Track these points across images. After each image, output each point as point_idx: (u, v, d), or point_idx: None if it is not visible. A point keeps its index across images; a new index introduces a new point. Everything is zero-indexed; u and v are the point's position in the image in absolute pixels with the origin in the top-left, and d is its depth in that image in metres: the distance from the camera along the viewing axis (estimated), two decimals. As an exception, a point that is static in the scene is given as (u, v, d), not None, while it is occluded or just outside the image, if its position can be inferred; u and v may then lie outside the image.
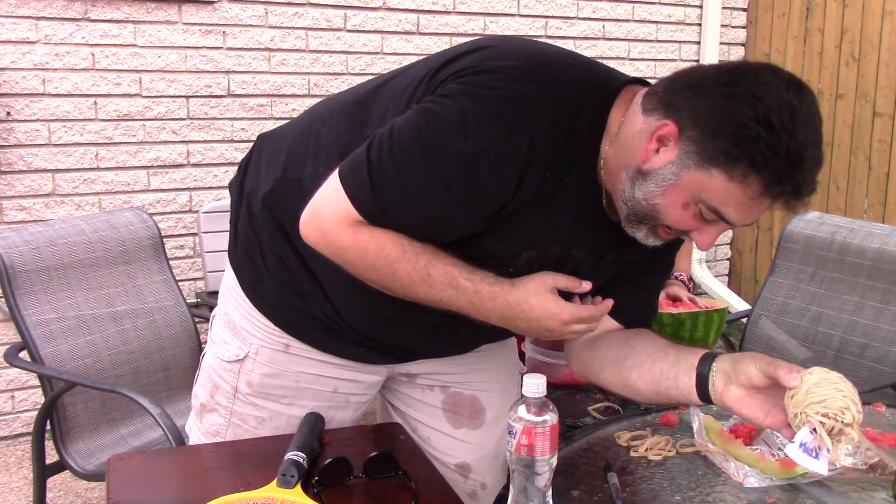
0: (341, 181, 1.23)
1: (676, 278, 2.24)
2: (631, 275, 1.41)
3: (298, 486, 1.24)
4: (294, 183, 1.37)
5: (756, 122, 1.09)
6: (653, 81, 1.26)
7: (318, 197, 1.26)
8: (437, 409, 1.60)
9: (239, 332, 1.49)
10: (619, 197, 1.24)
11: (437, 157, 1.19)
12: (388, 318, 1.40)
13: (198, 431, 1.58)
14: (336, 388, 1.51)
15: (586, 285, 1.31)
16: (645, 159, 1.18)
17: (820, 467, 1.13)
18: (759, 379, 1.20)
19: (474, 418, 1.61)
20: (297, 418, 1.49)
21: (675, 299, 2.12)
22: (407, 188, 1.20)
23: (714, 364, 1.24)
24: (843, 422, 1.11)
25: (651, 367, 1.32)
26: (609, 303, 1.35)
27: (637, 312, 1.46)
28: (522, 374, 1.29)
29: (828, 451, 1.12)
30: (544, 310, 1.27)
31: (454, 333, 1.44)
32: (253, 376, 1.48)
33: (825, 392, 1.13)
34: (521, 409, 1.15)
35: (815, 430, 1.12)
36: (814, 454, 1.13)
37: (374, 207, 1.21)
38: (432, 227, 1.24)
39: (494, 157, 1.18)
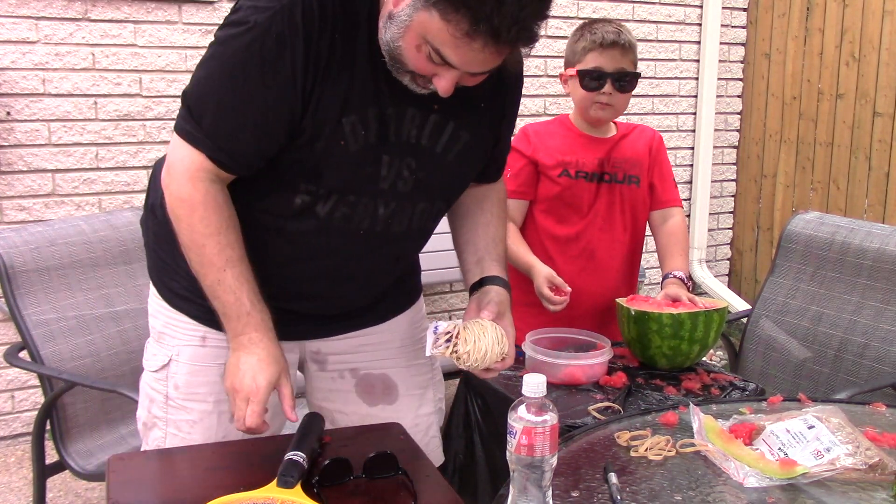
0: (175, 130, 1.38)
1: (675, 277, 2.24)
2: (474, 149, 1.51)
3: (298, 487, 1.24)
4: None
5: None
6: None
7: (168, 154, 1.40)
8: (351, 392, 1.66)
9: (162, 339, 1.57)
10: (381, 45, 1.31)
11: (232, 60, 1.30)
12: (285, 260, 1.49)
13: None
14: None
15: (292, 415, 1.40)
16: (395, 3, 1.26)
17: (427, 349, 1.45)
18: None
19: (388, 394, 1.68)
20: (227, 415, 1.52)
21: (675, 299, 2.12)
22: (221, 101, 1.32)
23: (480, 287, 1.53)
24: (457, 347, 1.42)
25: (462, 250, 1.63)
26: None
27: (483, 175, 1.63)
28: (522, 374, 1.29)
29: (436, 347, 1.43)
30: (274, 368, 1.38)
31: (348, 263, 1.52)
32: (179, 378, 1.55)
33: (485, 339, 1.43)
34: (521, 409, 1.15)
35: (447, 332, 1.43)
36: (436, 338, 1.44)
37: (199, 133, 1.33)
38: (259, 131, 1.33)
39: (277, 31, 1.27)
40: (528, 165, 2.26)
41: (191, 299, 1.53)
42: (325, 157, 1.36)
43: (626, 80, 2.21)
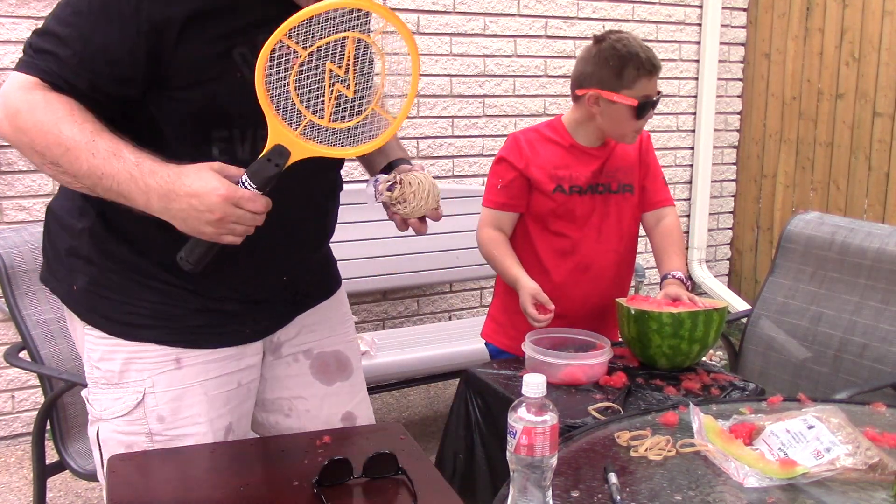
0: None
1: (674, 278, 2.24)
2: None
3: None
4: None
5: None
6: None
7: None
8: (308, 375, 1.66)
9: (124, 379, 1.46)
10: None
11: None
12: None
13: None
14: (239, 381, 1.53)
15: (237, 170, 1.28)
16: None
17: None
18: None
19: (342, 370, 1.70)
20: (222, 431, 1.49)
21: (675, 299, 2.12)
22: (68, 26, 1.27)
23: None
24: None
25: None
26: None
27: None
28: (522, 374, 1.29)
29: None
30: (204, 184, 1.25)
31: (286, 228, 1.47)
32: (161, 409, 1.45)
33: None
34: (521, 409, 1.15)
35: (388, 181, 1.49)
36: (377, 188, 1.49)
37: (39, 58, 1.28)
38: (110, 62, 1.28)
39: None
40: (519, 178, 2.20)
41: (155, 325, 1.44)
42: (226, 94, 1.33)
43: (657, 103, 2.20)
